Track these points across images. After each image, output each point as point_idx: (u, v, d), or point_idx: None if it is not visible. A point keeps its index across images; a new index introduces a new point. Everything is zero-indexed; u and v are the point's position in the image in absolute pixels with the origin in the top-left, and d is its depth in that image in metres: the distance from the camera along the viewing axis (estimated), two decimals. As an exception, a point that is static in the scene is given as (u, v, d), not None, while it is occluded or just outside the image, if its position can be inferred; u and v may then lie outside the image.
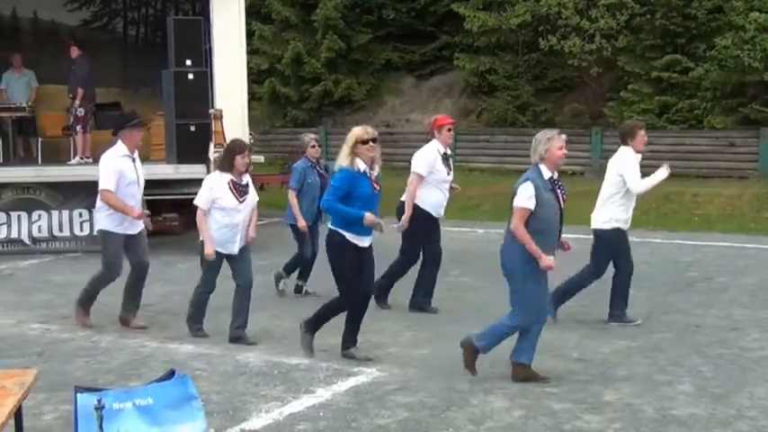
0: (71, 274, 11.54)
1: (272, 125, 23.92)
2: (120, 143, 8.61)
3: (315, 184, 9.77)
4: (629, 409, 6.22)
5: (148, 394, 4.37)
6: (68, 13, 17.10)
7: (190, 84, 13.21)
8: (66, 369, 7.35)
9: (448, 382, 6.86)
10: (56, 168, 13.75)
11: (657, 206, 15.93)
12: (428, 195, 8.93)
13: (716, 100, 19.01)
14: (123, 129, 8.65)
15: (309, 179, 9.78)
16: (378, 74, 24.42)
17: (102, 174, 8.54)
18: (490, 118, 21.97)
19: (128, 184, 8.54)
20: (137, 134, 8.74)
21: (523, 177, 6.78)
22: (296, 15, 23.93)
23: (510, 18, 20.76)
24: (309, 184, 9.76)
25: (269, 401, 6.47)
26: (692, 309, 9.23)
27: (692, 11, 19.11)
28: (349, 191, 7.18)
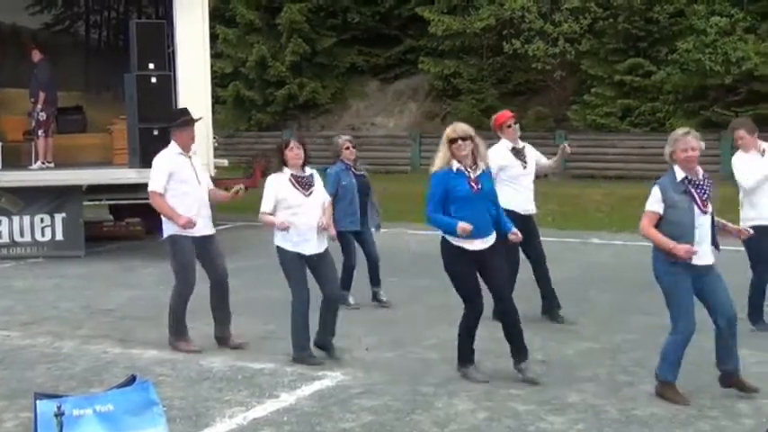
0: (32, 280, 11.43)
1: (237, 129, 23.84)
2: (173, 143, 8.10)
3: (351, 186, 9.42)
4: (592, 410, 6.25)
5: (109, 400, 4.33)
6: (30, 16, 16.95)
7: (153, 87, 13.13)
8: (27, 376, 7.27)
9: (412, 385, 6.86)
10: (17, 173, 13.60)
11: (620, 208, 16.04)
12: (508, 195, 8.40)
13: (678, 103, 19.21)
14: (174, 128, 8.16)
15: (344, 182, 9.42)
16: (342, 77, 24.42)
17: (151, 174, 8.04)
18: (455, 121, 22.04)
19: (181, 182, 7.94)
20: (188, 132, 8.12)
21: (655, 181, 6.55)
22: (260, 19, 23.88)
23: (474, 22, 20.85)
24: (345, 187, 9.38)
25: (233, 406, 6.44)
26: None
27: (654, 15, 19.30)
28: (444, 194, 6.86)
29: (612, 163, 18.45)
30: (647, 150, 19.09)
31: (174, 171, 7.93)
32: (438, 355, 7.69)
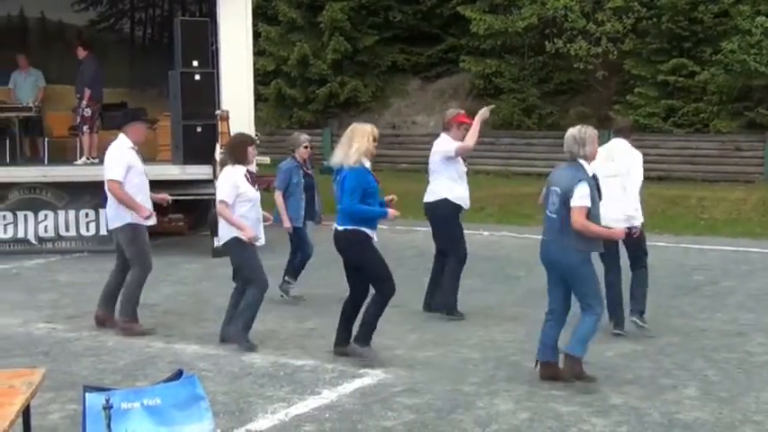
0: (77, 274, 11.57)
1: (278, 126, 23.91)
2: (124, 137, 8.55)
3: (300, 184, 9.72)
4: (634, 413, 6.22)
5: (156, 394, 4.38)
6: (75, 13, 17.14)
7: (196, 84, 13.25)
8: (73, 369, 7.37)
9: (454, 384, 6.87)
10: (62, 168, 13.78)
11: (663, 210, 15.91)
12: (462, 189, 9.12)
13: (722, 104, 19.00)
14: (128, 124, 8.63)
15: (295, 179, 9.69)
16: (383, 76, 24.41)
17: (109, 164, 8.44)
18: (496, 120, 21.94)
19: (139, 174, 8.49)
20: (142, 129, 8.79)
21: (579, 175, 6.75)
22: (302, 17, 23.94)
23: (516, 21, 20.75)
24: (295, 185, 9.68)
25: (274, 402, 6.48)
26: (698, 313, 9.23)
27: (698, 15, 19.10)
28: (365, 189, 7.24)
29: (654, 164, 18.23)
30: (689, 151, 18.94)
31: (132, 164, 8.42)
32: (479, 354, 7.68)
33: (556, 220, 6.74)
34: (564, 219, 6.67)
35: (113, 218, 8.54)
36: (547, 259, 6.89)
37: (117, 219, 8.50)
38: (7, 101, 15.15)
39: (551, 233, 6.81)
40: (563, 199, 6.67)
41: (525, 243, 12.94)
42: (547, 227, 6.88)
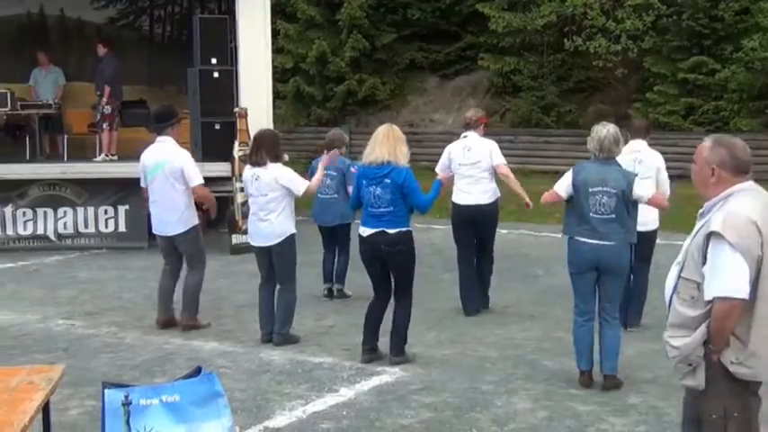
0: (96, 271, 11.62)
1: (297, 124, 23.95)
2: (171, 138, 8.59)
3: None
4: (653, 412, 6.19)
5: (175, 391, 4.38)
6: (95, 10, 17.23)
7: (215, 82, 13.28)
8: (91, 365, 7.40)
9: (471, 382, 6.86)
10: (82, 165, 13.84)
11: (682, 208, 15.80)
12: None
13: (742, 102, 18.88)
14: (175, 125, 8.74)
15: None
16: (402, 73, 24.39)
17: (191, 170, 8.48)
18: (514, 118, 21.92)
19: None
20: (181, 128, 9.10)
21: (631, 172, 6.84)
22: (321, 14, 23.96)
23: (535, 18, 20.69)
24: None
25: (292, 400, 6.50)
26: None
27: (718, 12, 18.99)
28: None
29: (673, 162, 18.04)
30: (710, 150, 18.82)
31: None
32: (497, 353, 7.67)
33: (613, 221, 6.56)
34: (624, 218, 6.60)
35: (180, 223, 8.48)
36: (597, 262, 6.65)
37: (184, 223, 8.49)
38: (27, 98, 15.22)
39: (608, 235, 6.57)
40: (622, 198, 6.56)
41: (543, 241, 12.91)
42: (602, 230, 6.58)
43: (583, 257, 6.70)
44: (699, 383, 3.93)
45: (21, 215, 13.12)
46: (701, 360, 3.90)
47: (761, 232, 3.79)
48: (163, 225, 8.59)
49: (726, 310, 3.76)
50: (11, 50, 15.82)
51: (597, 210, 6.60)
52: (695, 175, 4.11)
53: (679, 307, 3.98)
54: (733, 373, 3.85)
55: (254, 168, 7.93)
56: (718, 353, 3.85)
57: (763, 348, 3.84)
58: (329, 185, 9.68)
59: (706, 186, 4.03)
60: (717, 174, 3.97)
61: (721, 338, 3.82)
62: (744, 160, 3.99)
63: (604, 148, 6.70)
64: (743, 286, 3.75)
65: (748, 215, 3.80)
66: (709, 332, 3.85)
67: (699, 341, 3.87)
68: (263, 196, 7.87)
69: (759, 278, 3.79)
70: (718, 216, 3.85)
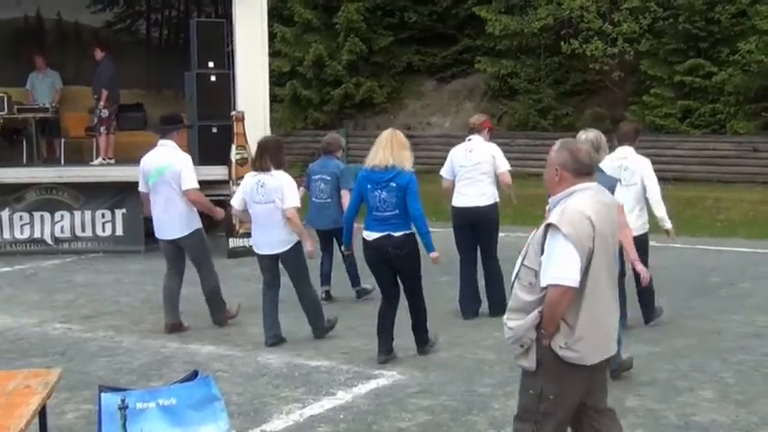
0: (93, 275, 11.62)
1: (294, 127, 23.93)
2: (173, 143, 8.67)
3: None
4: (651, 415, 6.19)
5: (172, 394, 4.39)
6: (92, 14, 17.19)
7: (212, 86, 13.29)
8: (88, 369, 7.40)
9: (468, 385, 6.86)
10: (78, 169, 13.83)
11: (679, 211, 15.83)
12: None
13: (739, 105, 18.88)
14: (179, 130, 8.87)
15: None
16: (399, 77, 24.38)
17: (187, 174, 8.54)
18: (511, 122, 21.90)
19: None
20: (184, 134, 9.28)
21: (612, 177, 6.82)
22: (318, 18, 23.94)
23: (532, 22, 20.68)
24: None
25: (289, 403, 6.49)
26: (714, 314, 9.18)
27: (715, 15, 18.99)
28: None
29: (671, 165, 18.16)
30: (706, 152, 18.83)
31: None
32: (495, 355, 7.66)
33: None
34: None
35: (183, 226, 8.55)
36: None
37: (188, 226, 8.57)
38: (24, 102, 15.22)
39: None
40: None
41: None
42: None
43: None
44: (531, 365, 4.21)
45: (18, 219, 13.12)
46: (533, 342, 4.17)
47: (594, 227, 4.10)
48: (165, 229, 8.59)
49: (557, 296, 4.05)
50: (8, 54, 15.80)
51: None
52: (545, 174, 4.43)
53: (519, 292, 4.23)
54: (561, 357, 4.13)
55: (258, 175, 7.96)
56: (549, 338, 4.13)
57: (589, 334, 4.14)
58: (323, 190, 9.71)
59: (552, 185, 4.34)
60: (560, 174, 4.29)
61: (552, 323, 4.10)
62: (585, 164, 4.31)
63: None
64: (574, 275, 4.04)
65: (583, 210, 4.12)
66: (542, 317, 4.11)
67: (531, 324, 4.14)
68: (270, 203, 7.89)
69: (589, 268, 4.10)
70: (557, 210, 4.20)
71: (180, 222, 8.49)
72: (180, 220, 8.49)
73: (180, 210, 8.47)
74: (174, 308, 8.67)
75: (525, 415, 4.30)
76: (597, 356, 4.24)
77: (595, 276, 4.13)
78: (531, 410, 4.25)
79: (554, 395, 4.19)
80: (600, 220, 4.14)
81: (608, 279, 4.24)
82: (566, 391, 4.22)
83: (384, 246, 7.27)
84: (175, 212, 8.47)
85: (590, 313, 4.12)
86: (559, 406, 4.24)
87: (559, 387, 4.19)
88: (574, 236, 4.04)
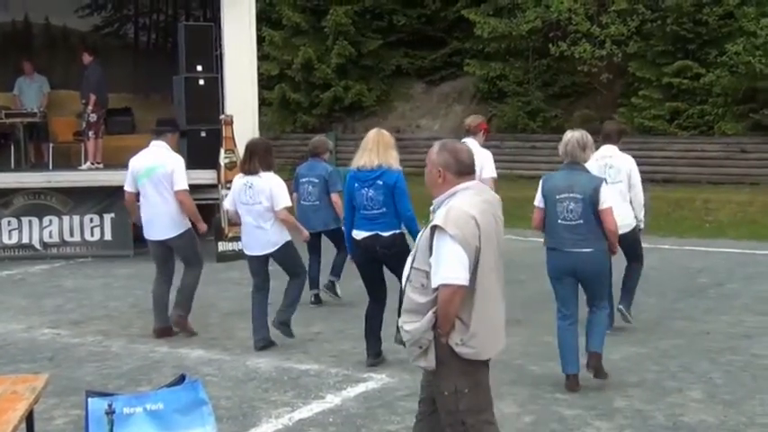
0: (82, 279, 11.59)
1: (283, 131, 23.93)
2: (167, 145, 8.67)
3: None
4: (639, 416, 6.20)
5: (159, 399, 4.37)
6: (80, 18, 17.18)
7: (200, 89, 13.29)
8: (77, 374, 7.38)
9: (458, 388, 6.84)
10: (67, 173, 13.80)
11: (668, 212, 15.89)
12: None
13: (727, 106, 18.94)
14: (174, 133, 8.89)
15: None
16: (388, 80, 24.39)
17: (179, 175, 8.55)
18: (500, 124, 21.93)
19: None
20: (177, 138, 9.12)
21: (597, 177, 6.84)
22: (306, 21, 23.94)
23: (520, 24, 20.72)
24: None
25: (279, 407, 6.48)
26: (703, 315, 9.21)
27: (703, 17, 19.05)
28: None
29: (659, 166, 18.22)
30: (694, 154, 18.88)
31: None
32: (483, 358, 7.66)
33: (581, 227, 6.60)
34: (592, 223, 6.62)
35: (173, 227, 8.52)
36: (573, 269, 6.70)
37: (177, 227, 8.54)
38: (12, 107, 15.18)
39: (578, 242, 6.63)
40: (589, 203, 6.59)
41: (529, 246, 12.91)
42: (569, 237, 6.65)
43: (557, 265, 6.79)
44: (430, 364, 4.28)
45: (6, 224, 13.08)
46: (430, 343, 4.25)
47: (479, 226, 4.20)
48: (155, 229, 8.57)
49: (448, 295, 4.14)
50: (-5, 59, 15.78)
51: (565, 216, 6.67)
52: (427, 176, 4.47)
53: (411, 294, 4.29)
54: (459, 354, 4.23)
55: (246, 177, 7.96)
56: (446, 335, 4.22)
57: (482, 329, 4.27)
58: (311, 192, 9.73)
59: (435, 186, 4.40)
60: (443, 175, 4.35)
61: (447, 322, 4.20)
62: (466, 164, 4.38)
63: (568, 152, 6.79)
64: (462, 274, 4.14)
65: (467, 210, 4.21)
66: (437, 317, 4.20)
67: (428, 325, 4.21)
68: (258, 204, 7.90)
69: (478, 266, 4.21)
70: (441, 211, 4.27)
71: (170, 223, 8.48)
72: (170, 221, 8.48)
73: (170, 210, 8.46)
74: (164, 312, 8.64)
75: (453, 420, 4.33)
76: (492, 351, 4.39)
77: (484, 273, 4.25)
78: (456, 412, 4.31)
79: (468, 388, 4.30)
80: (484, 218, 4.25)
81: (496, 275, 4.38)
82: (476, 381, 4.33)
83: (372, 245, 7.26)
84: (165, 213, 8.46)
85: (482, 309, 4.26)
86: (477, 396, 4.34)
87: (469, 379, 4.30)
88: (460, 236, 4.13)
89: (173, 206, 8.47)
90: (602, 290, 6.89)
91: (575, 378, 6.77)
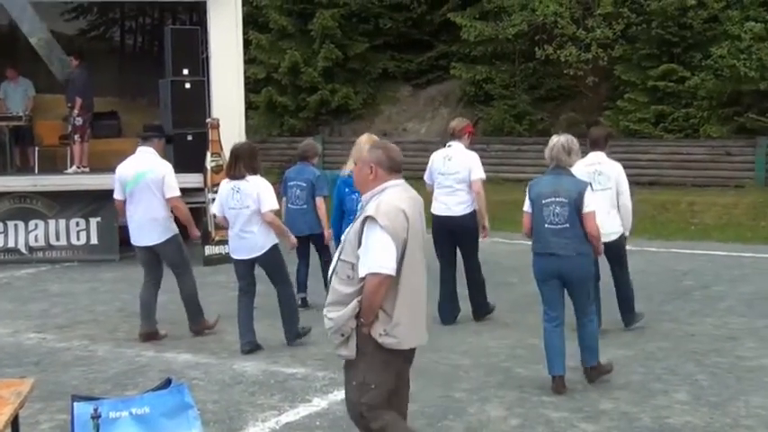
0: (67, 284, 11.55)
1: (269, 134, 23.90)
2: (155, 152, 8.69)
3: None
4: (625, 418, 6.23)
5: (145, 403, 4.37)
6: (65, 22, 17.11)
7: (187, 93, 13.26)
8: (63, 378, 7.35)
9: (444, 390, 6.87)
10: (53, 177, 13.76)
11: (653, 215, 15.94)
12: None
13: (712, 109, 19.02)
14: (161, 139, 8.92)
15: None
16: (374, 83, 24.40)
17: (171, 182, 8.58)
18: (486, 127, 21.97)
19: None
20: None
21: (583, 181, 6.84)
22: (293, 25, 23.93)
23: (506, 28, 20.76)
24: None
25: (265, 411, 6.48)
26: (688, 317, 9.25)
27: (687, 20, 19.13)
28: None
29: (645, 169, 18.28)
30: (680, 157, 18.94)
31: None
32: (471, 360, 7.69)
33: (567, 231, 6.63)
34: (577, 227, 6.63)
35: (160, 232, 8.53)
36: (558, 272, 6.72)
37: (164, 232, 8.54)
38: (-3, 111, 15.13)
39: (564, 246, 6.65)
40: (574, 207, 6.62)
41: (516, 249, 12.94)
42: (555, 240, 6.68)
43: (543, 267, 6.83)
44: (351, 353, 4.46)
45: (-9, 228, 13.02)
46: (352, 332, 4.42)
47: (408, 219, 4.41)
48: (143, 235, 8.56)
49: (375, 284, 4.32)
50: (-20, 63, 15.71)
51: (551, 220, 6.69)
52: (357, 174, 4.68)
53: (337, 286, 4.46)
54: (381, 344, 4.40)
55: (232, 181, 7.96)
56: (369, 326, 4.39)
57: (405, 319, 4.43)
58: (299, 196, 9.73)
59: (365, 183, 4.58)
60: (375, 171, 4.54)
61: (371, 311, 4.36)
62: (397, 161, 4.60)
63: (553, 156, 6.83)
64: (390, 264, 4.32)
65: (398, 204, 4.42)
66: (361, 307, 4.35)
67: (351, 314, 4.38)
68: (245, 208, 7.90)
69: (404, 258, 4.39)
70: (372, 204, 4.45)
71: (157, 228, 8.48)
72: (157, 227, 8.48)
73: (157, 216, 8.45)
74: (151, 316, 8.63)
75: (355, 408, 4.55)
76: (414, 341, 4.56)
77: (409, 265, 4.42)
78: (359, 403, 4.50)
79: (375, 384, 4.45)
80: (412, 213, 4.46)
81: (420, 268, 4.56)
82: (385, 378, 4.50)
83: None
84: (153, 218, 8.45)
85: (406, 300, 4.42)
86: (382, 393, 4.51)
87: (379, 375, 4.46)
88: (390, 227, 4.31)
89: (160, 212, 8.46)
90: (587, 298, 6.88)
91: (561, 380, 6.79)
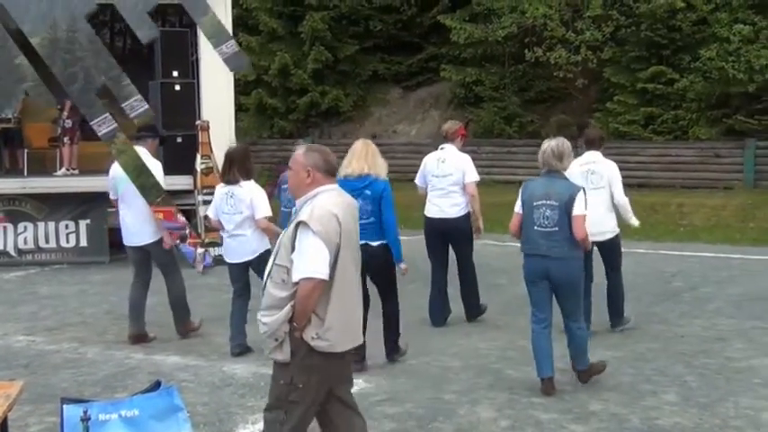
0: (57, 286, 11.52)
1: (259, 136, 23.91)
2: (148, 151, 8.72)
3: None
4: (614, 419, 6.24)
5: (134, 405, 4.37)
6: (55, 24, 17.04)
7: (177, 95, 13.25)
8: (52, 381, 7.33)
9: (435, 392, 6.87)
10: (42, 180, 13.72)
11: (643, 217, 15.94)
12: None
13: (701, 111, 19.10)
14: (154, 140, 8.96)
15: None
16: (364, 85, 24.44)
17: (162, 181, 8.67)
18: (476, 129, 22.01)
19: None
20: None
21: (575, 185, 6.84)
22: (283, 27, 23.94)
23: (496, 30, 20.81)
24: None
25: (255, 413, 6.46)
26: (677, 319, 9.27)
27: (676, 23, 19.21)
28: None
29: (634, 171, 18.33)
30: (669, 158, 19.02)
31: None
32: (461, 362, 7.70)
33: (556, 234, 6.62)
34: (567, 231, 6.65)
35: (150, 233, 8.51)
36: (547, 274, 6.73)
37: (156, 232, 8.53)
38: (-15, 113, 15.07)
39: (553, 248, 6.65)
40: (565, 210, 6.63)
41: (506, 251, 12.95)
42: (544, 243, 6.68)
43: (532, 268, 6.83)
44: (285, 357, 4.44)
45: (-20, 231, 12.98)
46: (286, 336, 4.42)
47: (341, 224, 4.42)
48: (135, 235, 8.56)
49: (309, 289, 4.32)
50: (-32, 65, 15.64)
51: (541, 223, 6.69)
52: (292, 178, 4.63)
53: (272, 290, 4.46)
54: (314, 348, 4.40)
55: (227, 186, 7.99)
56: (302, 330, 4.39)
57: (338, 323, 4.44)
58: (291, 200, 9.71)
59: (301, 187, 4.57)
60: (312, 175, 4.54)
61: (304, 316, 4.37)
62: (333, 164, 4.64)
63: (545, 162, 6.82)
64: (323, 269, 4.34)
65: (330, 209, 4.43)
66: (294, 311, 4.37)
67: (285, 318, 4.39)
68: (238, 214, 7.92)
69: (337, 262, 4.41)
70: (306, 209, 4.45)
71: (149, 228, 8.48)
72: (149, 227, 8.48)
73: (149, 216, 8.45)
74: (139, 318, 8.62)
75: (275, 404, 4.53)
76: (346, 344, 4.55)
77: (342, 269, 4.43)
78: (281, 399, 4.49)
79: (303, 384, 4.45)
80: (345, 218, 4.47)
81: (354, 272, 4.57)
82: (314, 380, 4.47)
83: (372, 253, 7.28)
84: (145, 219, 8.46)
85: (338, 304, 4.43)
86: (308, 394, 4.49)
87: (308, 376, 4.44)
88: (323, 232, 4.33)
89: (151, 212, 8.47)
90: (576, 304, 6.86)
91: (550, 381, 6.80)
